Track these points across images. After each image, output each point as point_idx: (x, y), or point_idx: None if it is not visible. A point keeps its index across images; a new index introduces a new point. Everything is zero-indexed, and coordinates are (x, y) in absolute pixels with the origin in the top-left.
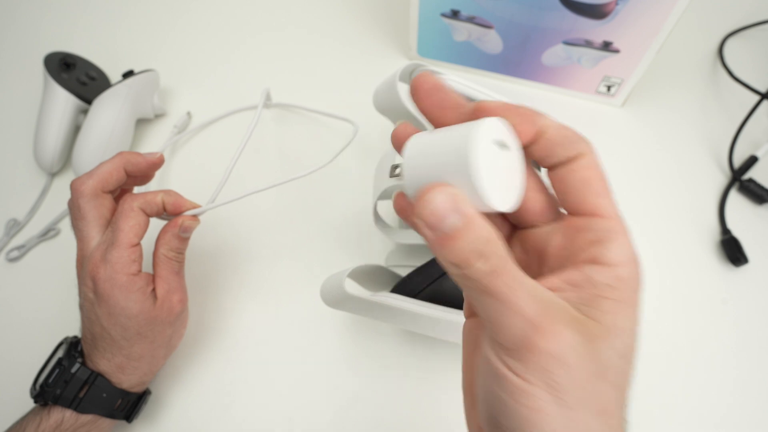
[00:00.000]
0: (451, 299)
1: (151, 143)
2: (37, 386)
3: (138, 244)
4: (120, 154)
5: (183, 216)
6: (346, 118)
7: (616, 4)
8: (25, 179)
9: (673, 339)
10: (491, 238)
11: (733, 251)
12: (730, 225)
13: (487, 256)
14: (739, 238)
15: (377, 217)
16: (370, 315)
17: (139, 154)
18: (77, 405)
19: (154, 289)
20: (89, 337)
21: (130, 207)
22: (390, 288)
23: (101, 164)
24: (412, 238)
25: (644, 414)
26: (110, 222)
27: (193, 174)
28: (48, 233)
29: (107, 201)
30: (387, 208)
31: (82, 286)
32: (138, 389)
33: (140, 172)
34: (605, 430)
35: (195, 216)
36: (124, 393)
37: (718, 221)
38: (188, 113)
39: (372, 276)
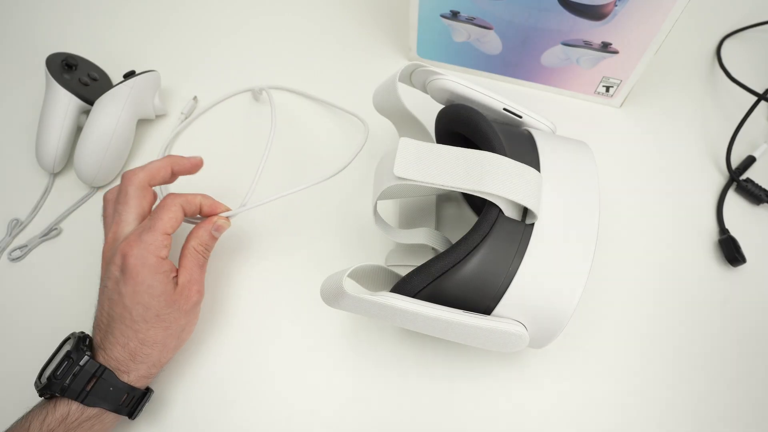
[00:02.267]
0: (451, 299)
1: (153, 144)
2: (43, 379)
3: (170, 234)
4: (168, 156)
5: (219, 216)
6: (357, 115)
7: (615, 5)
8: (27, 179)
9: (671, 338)
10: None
11: (730, 251)
12: (728, 225)
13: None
14: (737, 238)
15: (377, 217)
16: (370, 314)
17: (183, 156)
18: (84, 398)
19: (176, 277)
20: (105, 321)
21: (173, 202)
22: (390, 287)
23: (152, 162)
24: (412, 238)
25: (643, 413)
26: (148, 215)
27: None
28: (50, 233)
29: (149, 195)
30: (387, 208)
31: (109, 265)
32: (142, 384)
33: (185, 172)
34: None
35: (227, 218)
36: (130, 388)
37: (716, 221)
38: (195, 98)
39: (372, 276)
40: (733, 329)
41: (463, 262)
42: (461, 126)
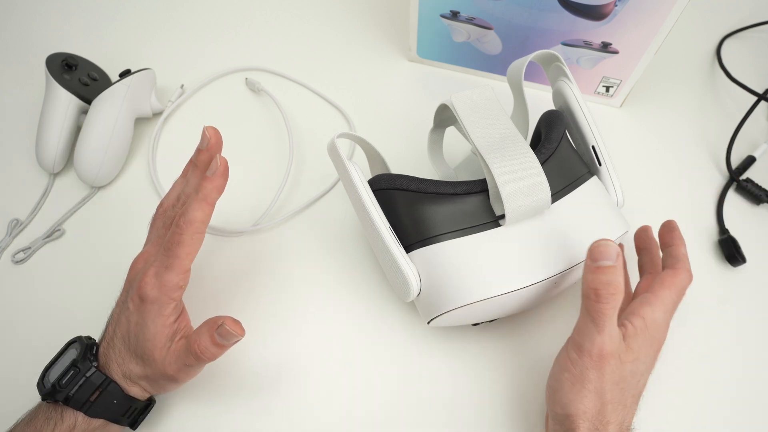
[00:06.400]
0: (396, 213)
1: (151, 142)
2: (47, 383)
3: (188, 270)
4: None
5: (225, 318)
6: (346, 114)
7: (615, 5)
8: (27, 179)
9: (671, 338)
10: (614, 284)
11: (730, 251)
12: (728, 225)
13: (602, 296)
14: (737, 238)
15: (434, 128)
16: (339, 173)
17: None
18: (87, 408)
19: (181, 339)
20: (110, 334)
21: (188, 230)
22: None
23: (206, 199)
24: (441, 170)
25: (642, 413)
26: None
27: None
28: (53, 234)
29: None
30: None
31: (132, 284)
32: (144, 396)
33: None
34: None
35: (237, 322)
36: (132, 400)
37: (716, 221)
38: (182, 86)
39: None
40: (733, 329)
41: (429, 194)
42: (542, 122)
